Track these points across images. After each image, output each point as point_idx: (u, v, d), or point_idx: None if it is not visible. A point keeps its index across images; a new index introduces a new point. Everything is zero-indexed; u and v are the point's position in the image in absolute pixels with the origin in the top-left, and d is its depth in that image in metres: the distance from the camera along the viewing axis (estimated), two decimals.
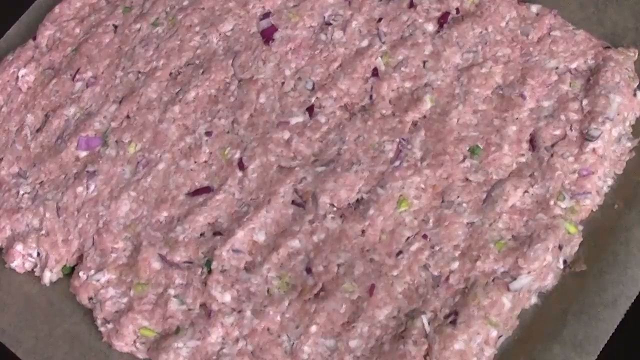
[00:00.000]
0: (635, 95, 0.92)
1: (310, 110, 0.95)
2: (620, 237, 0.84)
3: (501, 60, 0.95)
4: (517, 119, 0.91)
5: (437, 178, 0.89)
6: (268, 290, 0.86)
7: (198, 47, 1.02)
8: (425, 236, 0.86)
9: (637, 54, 0.94)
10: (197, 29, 1.03)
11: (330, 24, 1.00)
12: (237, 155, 0.94)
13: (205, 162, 0.95)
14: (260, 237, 0.89)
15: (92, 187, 0.95)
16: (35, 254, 0.94)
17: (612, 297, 0.81)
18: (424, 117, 0.93)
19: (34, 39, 1.08)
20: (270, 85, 0.98)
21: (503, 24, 0.97)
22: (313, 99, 0.96)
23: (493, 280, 0.82)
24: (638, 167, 0.89)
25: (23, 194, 0.97)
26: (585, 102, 0.91)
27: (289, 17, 1.01)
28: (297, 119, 0.95)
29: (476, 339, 0.80)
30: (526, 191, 0.87)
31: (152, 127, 0.97)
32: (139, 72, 1.02)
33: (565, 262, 0.85)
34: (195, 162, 0.95)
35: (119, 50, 1.04)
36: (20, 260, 0.94)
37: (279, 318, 0.84)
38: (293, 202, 0.90)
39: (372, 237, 0.87)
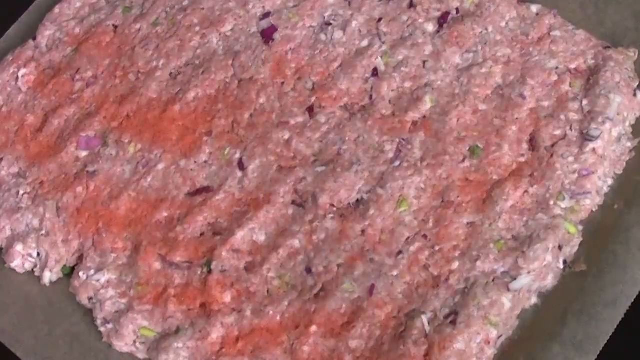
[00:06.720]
0: (635, 95, 0.92)
1: (310, 110, 0.95)
2: (620, 237, 0.84)
3: (501, 60, 0.95)
4: (517, 119, 0.91)
5: (437, 178, 0.89)
6: (268, 290, 0.86)
7: (198, 47, 1.02)
8: (425, 236, 0.86)
9: (637, 54, 0.94)
10: (197, 29, 1.03)
11: (330, 24, 1.00)
12: (237, 155, 0.94)
13: (205, 162, 0.95)
14: (260, 237, 0.89)
15: (92, 187, 0.95)
16: (35, 254, 0.94)
17: (612, 297, 0.81)
18: (424, 117, 0.93)
19: (34, 39, 1.08)
20: (270, 85, 0.98)
21: (503, 24, 0.97)
22: (313, 99, 0.96)
23: (493, 280, 0.82)
24: (638, 167, 0.89)
25: (23, 194, 0.97)
26: (585, 102, 0.91)
27: (289, 17, 1.01)
28: (297, 119, 0.95)
29: (476, 339, 0.80)
30: (526, 191, 0.87)
31: (152, 127, 0.97)
32: (139, 72, 1.02)
33: (565, 262, 0.85)
34: (195, 162, 0.95)
35: (119, 50, 1.04)
36: (20, 260, 0.94)
37: (279, 318, 0.84)
38: (293, 202, 0.90)
39: (372, 237, 0.87)
